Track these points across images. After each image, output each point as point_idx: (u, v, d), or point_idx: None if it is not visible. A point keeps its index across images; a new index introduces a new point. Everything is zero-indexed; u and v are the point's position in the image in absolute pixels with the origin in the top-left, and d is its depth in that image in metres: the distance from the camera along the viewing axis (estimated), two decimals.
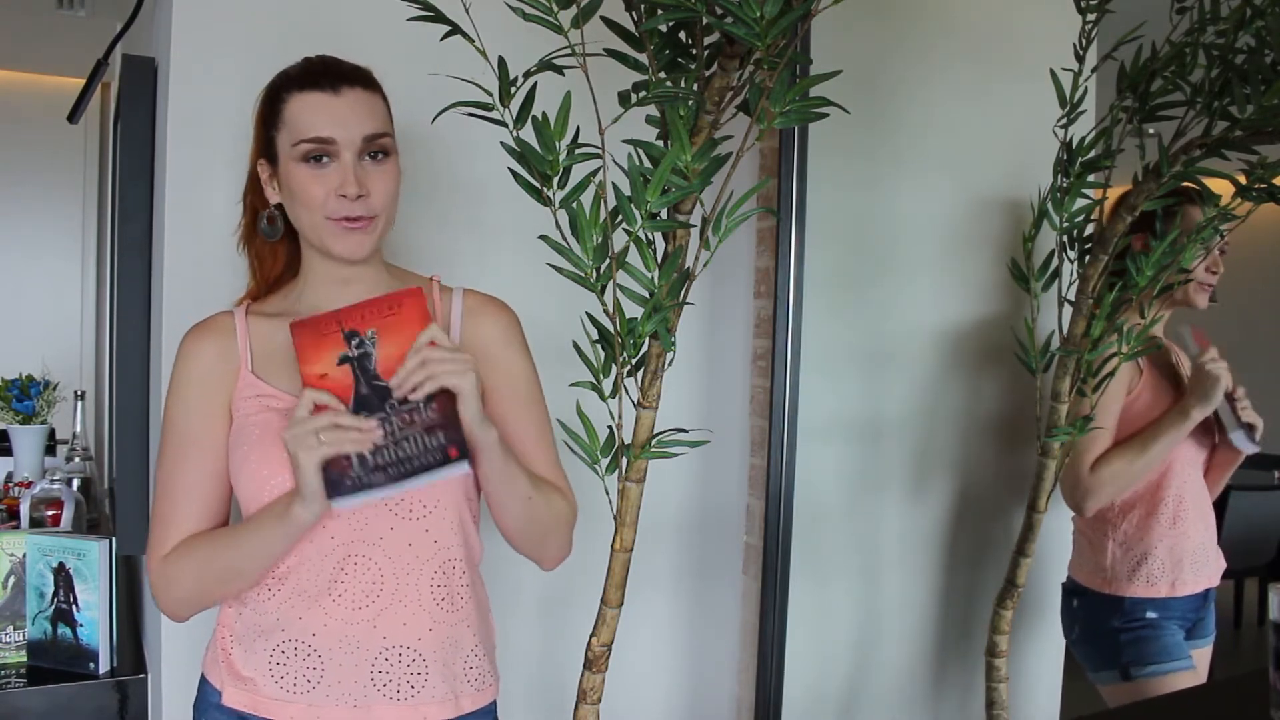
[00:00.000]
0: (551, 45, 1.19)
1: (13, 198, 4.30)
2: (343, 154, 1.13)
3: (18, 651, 1.67)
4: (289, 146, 1.14)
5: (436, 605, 1.16)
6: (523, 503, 1.18)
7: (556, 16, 1.16)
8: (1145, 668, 1.87)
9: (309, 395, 1.03)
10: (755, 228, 2.03)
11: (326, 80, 1.14)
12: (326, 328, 1.06)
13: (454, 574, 1.18)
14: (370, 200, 1.15)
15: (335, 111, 1.13)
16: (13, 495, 2.31)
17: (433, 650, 1.16)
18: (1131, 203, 1.83)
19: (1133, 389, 1.92)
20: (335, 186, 1.13)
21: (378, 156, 1.16)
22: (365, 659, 1.13)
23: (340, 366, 1.06)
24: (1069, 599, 2.03)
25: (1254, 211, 1.80)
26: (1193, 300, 1.95)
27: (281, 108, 1.16)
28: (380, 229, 1.18)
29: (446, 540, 1.17)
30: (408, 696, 1.15)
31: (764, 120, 1.20)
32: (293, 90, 1.15)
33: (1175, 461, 1.92)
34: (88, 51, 2.01)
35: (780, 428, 1.91)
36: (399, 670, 1.14)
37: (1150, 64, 1.79)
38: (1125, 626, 1.90)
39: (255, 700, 1.14)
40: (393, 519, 1.14)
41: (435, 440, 1.04)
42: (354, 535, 1.13)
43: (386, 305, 1.07)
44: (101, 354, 3.49)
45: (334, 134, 1.13)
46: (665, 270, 1.24)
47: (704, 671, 2.04)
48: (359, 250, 1.17)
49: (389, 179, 1.17)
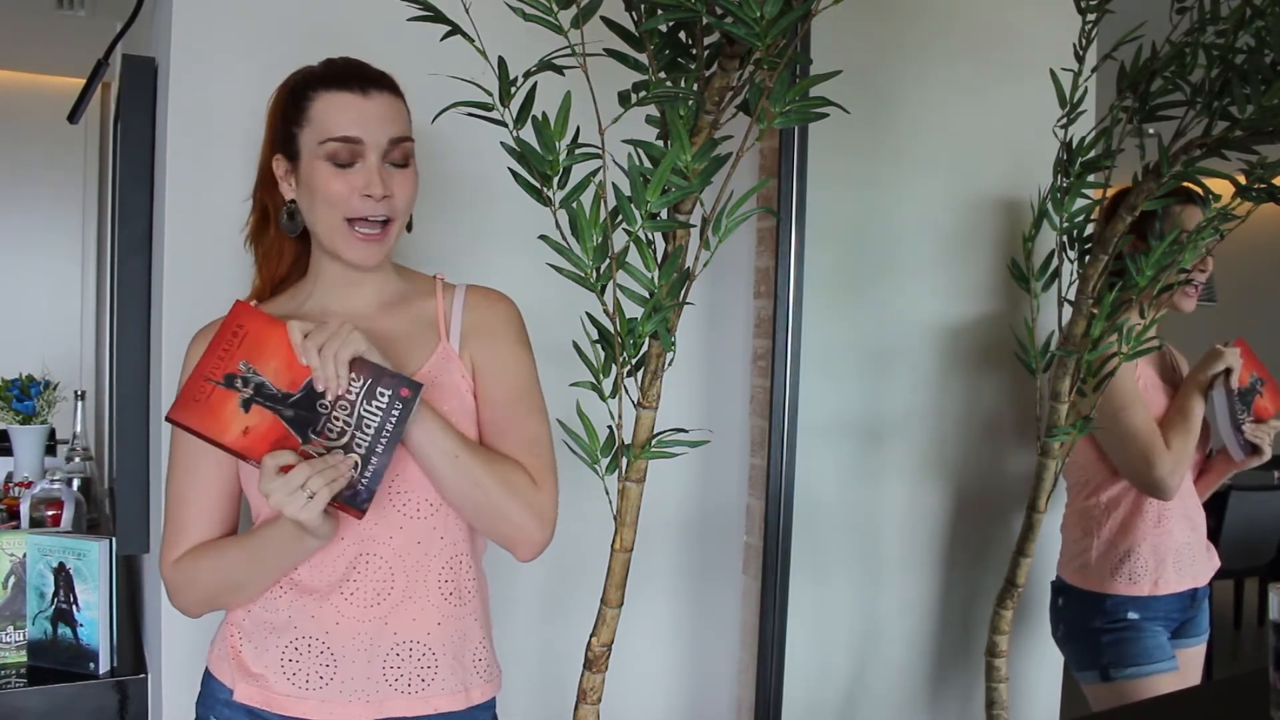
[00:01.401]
0: (551, 45, 1.19)
1: (13, 198, 4.30)
2: (368, 155, 1.14)
3: (18, 651, 1.67)
4: (314, 144, 1.14)
5: (445, 600, 1.18)
6: (450, 461, 1.13)
7: (556, 16, 1.16)
8: (1125, 669, 1.88)
9: (268, 463, 1.02)
10: (755, 228, 2.03)
11: (356, 82, 1.15)
12: (203, 391, 1.04)
13: (461, 569, 1.20)
14: (393, 202, 1.16)
15: (364, 113, 1.14)
16: (13, 495, 2.31)
17: (442, 644, 1.18)
18: (1131, 203, 1.83)
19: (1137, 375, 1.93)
20: (360, 186, 1.14)
21: (400, 162, 1.17)
22: (377, 655, 1.15)
23: (249, 411, 1.05)
24: (1055, 597, 2.04)
25: (1254, 211, 1.80)
26: (1178, 304, 1.95)
27: (307, 105, 1.15)
28: (395, 235, 1.19)
29: (454, 536, 1.19)
30: (419, 690, 1.16)
31: (764, 120, 1.20)
32: (319, 89, 1.15)
33: None
34: (88, 51, 2.01)
35: (780, 428, 1.91)
36: (410, 665, 1.16)
37: (1150, 64, 1.79)
38: (1107, 627, 1.91)
39: (268, 696, 1.15)
40: (401, 518, 1.16)
41: (384, 396, 1.06)
42: (364, 535, 1.15)
43: (230, 334, 1.07)
44: (101, 354, 3.49)
45: (362, 135, 1.14)
46: (665, 270, 1.24)
47: (704, 671, 2.04)
48: (371, 259, 1.17)
49: (410, 184, 1.18)
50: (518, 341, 1.26)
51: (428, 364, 1.21)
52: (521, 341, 1.27)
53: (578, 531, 1.28)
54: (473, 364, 1.23)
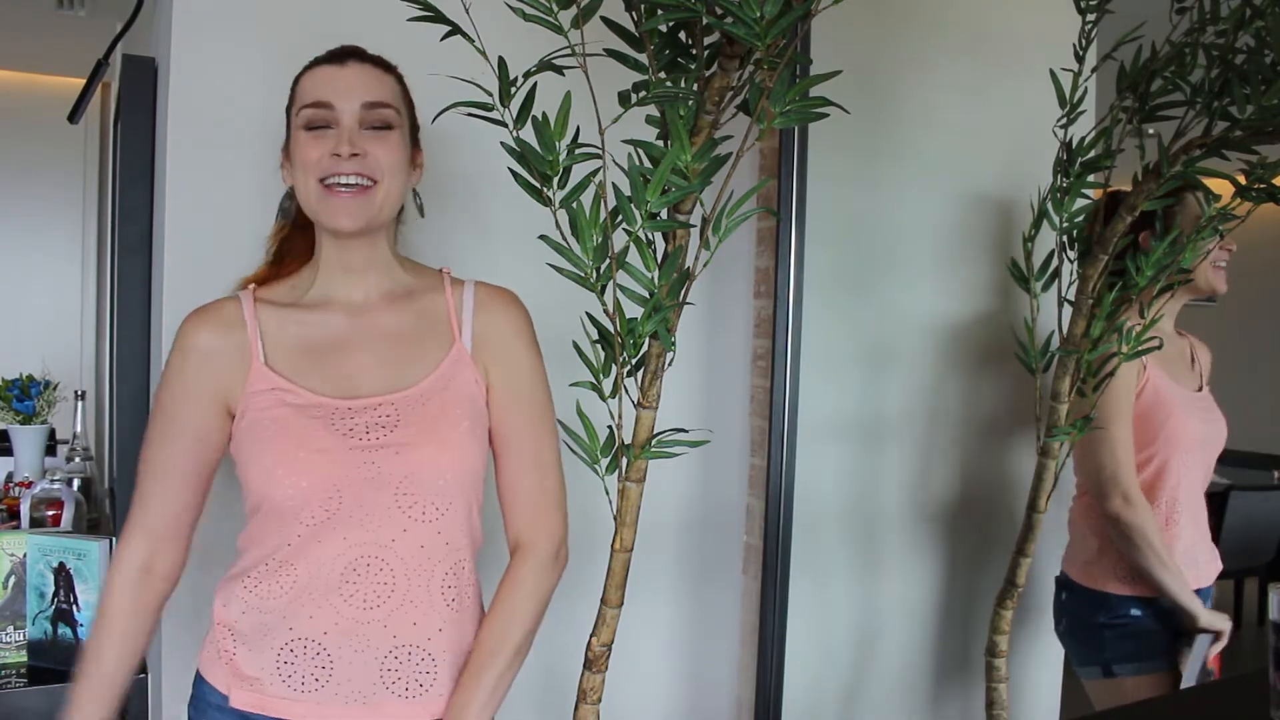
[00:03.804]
0: (551, 45, 1.19)
1: (13, 198, 4.31)
2: (342, 120, 1.15)
3: (18, 651, 1.67)
4: (295, 116, 1.18)
5: (447, 606, 1.17)
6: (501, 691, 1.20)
7: (556, 16, 1.16)
8: (1127, 665, 1.88)
9: None
10: (755, 228, 2.03)
11: (336, 56, 1.19)
12: None
13: (463, 574, 1.19)
14: (366, 162, 1.14)
15: (337, 79, 1.16)
16: (13, 495, 2.31)
17: (442, 649, 1.16)
18: (1131, 203, 1.83)
19: (1139, 386, 1.92)
20: (330, 148, 1.14)
21: (378, 125, 1.17)
22: (375, 657, 1.13)
23: None
24: (1059, 592, 2.04)
25: (1254, 211, 1.80)
26: (1214, 285, 1.92)
27: (295, 88, 1.20)
28: (380, 201, 1.16)
29: (457, 541, 1.18)
30: (417, 694, 1.15)
31: (764, 120, 1.20)
32: (305, 70, 1.20)
33: (1172, 461, 1.91)
34: (88, 51, 2.02)
35: (780, 428, 1.91)
36: (409, 668, 1.14)
37: (1150, 64, 1.79)
38: (1110, 623, 1.90)
39: (264, 700, 1.14)
40: (406, 521, 1.14)
41: None
42: (367, 538, 1.13)
43: None
44: (101, 354, 3.49)
45: (332, 99, 1.15)
46: (665, 270, 1.24)
47: (704, 671, 2.04)
48: (350, 221, 1.15)
49: (391, 149, 1.17)
50: (530, 350, 1.26)
51: (441, 366, 1.20)
52: (533, 349, 1.26)
53: (578, 531, 1.28)
54: (486, 371, 1.23)
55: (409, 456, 1.14)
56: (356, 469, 1.12)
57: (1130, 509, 1.83)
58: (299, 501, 1.11)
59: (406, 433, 1.15)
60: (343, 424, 1.14)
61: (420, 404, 1.17)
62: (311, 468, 1.11)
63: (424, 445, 1.14)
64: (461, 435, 1.17)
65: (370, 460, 1.13)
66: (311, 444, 1.12)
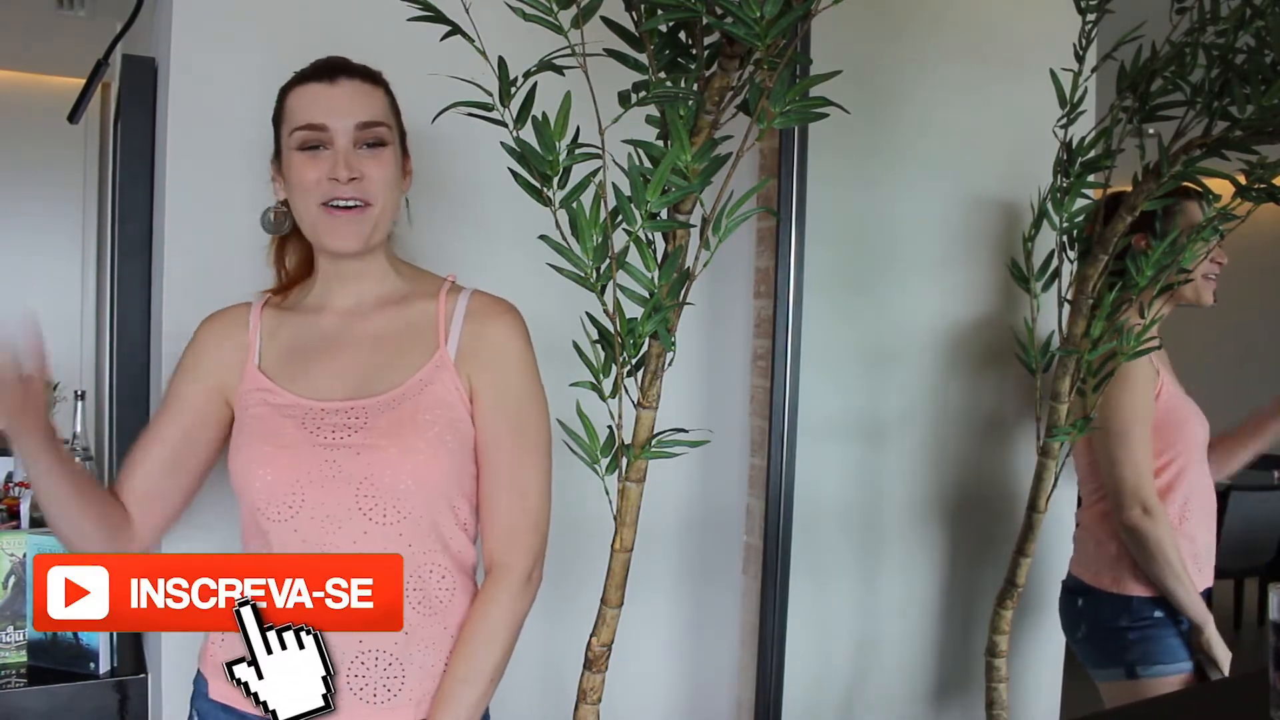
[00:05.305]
0: (551, 45, 1.19)
1: (13, 198, 4.30)
2: (336, 140, 1.16)
3: (18, 651, 1.67)
4: (288, 137, 1.18)
5: (413, 610, 1.15)
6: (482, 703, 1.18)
7: (556, 16, 1.16)
8: (1151, 667, 1.87)
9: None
10: (755, 228, 2.03)
11: (325, 73, 1.18)
12: None
13: (432, 579, 1.17)
14: (363, 184, 1.16)
15: (330, 99, 1.16)
16: (13, 495, 2.31)
17: (409, 654, 1.15)
18: (1131, 203, 1.82)
19: (1155, 391, 1.91)
20: (327, 171, 1.15)
21: (374, 146, 1.17)
22: (340, 661, 1.12)
23: None
24: (1072, 598, 2.03)
25: (1254, 211, 1.80)
26: (1201, 297, 1.93)
27: (283, 104, 1.20)
28: (375, 219, 1.18)
29: (424, 545, 1.16)
30: (384, 700, 1.14)
31: (764, 120, 1.20)
32: (293, 86, 1.19)
33: (1187, 463, 1.90)
34: (88, 51, 2.01)
35: (780, 428, 1.91)
36: (375, 674, 1.13)
37: (1150, 64, 1.79)
38: (1133, 625, 1.90)
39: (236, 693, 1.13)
40: (367, 523, 1.13)
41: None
42: (325, 539, 1.13)
43: None
44: (101, 354, 3.49)
45: (327, 120, 1.15)
46: (665, 270, 1.24)
47: (704, 671, 2.04)
48: (351, 242, 1.17)
49: (385, 166, 1.18)
50: (519, 364, 1.22)
51: (420, 372, 1.19)
52: (524, 363, 1.23)
53: (578, 532, 1.28)
54: (470, 385, 1.20)
55: (369, 458, 1.14)
56: (317, 466, 1.13)
57: (1150, 520, 1.82)
58: (265, 496, 1.14)
59: (370, 435, 1.15)
60: (312, 423, 1.16)
61: (390, 408, 1.16)
62: (273, 460, 1.14)
63: (386, 448, 1.14)
64: (428, 442, 1.15)
65: (331, 459, 1.13)
66: (277, 439, 1.15)
